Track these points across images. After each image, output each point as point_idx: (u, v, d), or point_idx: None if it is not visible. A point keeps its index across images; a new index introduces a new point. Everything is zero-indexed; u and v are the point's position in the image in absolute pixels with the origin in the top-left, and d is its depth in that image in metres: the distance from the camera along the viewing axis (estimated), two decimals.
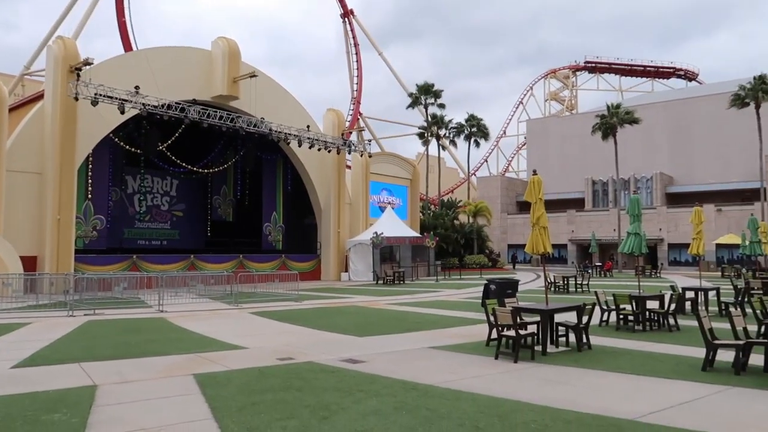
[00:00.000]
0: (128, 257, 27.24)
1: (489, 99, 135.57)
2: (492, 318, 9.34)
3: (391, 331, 11.83)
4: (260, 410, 5.57)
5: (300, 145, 31.01)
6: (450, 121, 50.82)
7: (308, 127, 31.56)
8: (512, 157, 79.11)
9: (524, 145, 75.06)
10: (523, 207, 61.18)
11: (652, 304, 12.68)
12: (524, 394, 6.38)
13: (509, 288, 14.15)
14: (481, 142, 52.98)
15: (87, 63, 23.60)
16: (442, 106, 48.43)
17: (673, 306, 12.54)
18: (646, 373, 7.60)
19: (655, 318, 12.39)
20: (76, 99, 23.02)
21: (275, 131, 29.58)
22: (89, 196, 27.64)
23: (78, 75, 23.40)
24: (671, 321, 12.21)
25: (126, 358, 8.53)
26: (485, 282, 15.50)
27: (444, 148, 56.30)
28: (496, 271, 42.71)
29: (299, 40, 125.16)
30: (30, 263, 23.10)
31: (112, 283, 19.43)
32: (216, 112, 27.04)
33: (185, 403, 5.98)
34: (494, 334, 9.32)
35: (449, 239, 45.49)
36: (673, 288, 13.95)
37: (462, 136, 51.81)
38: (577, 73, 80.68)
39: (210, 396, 6.15)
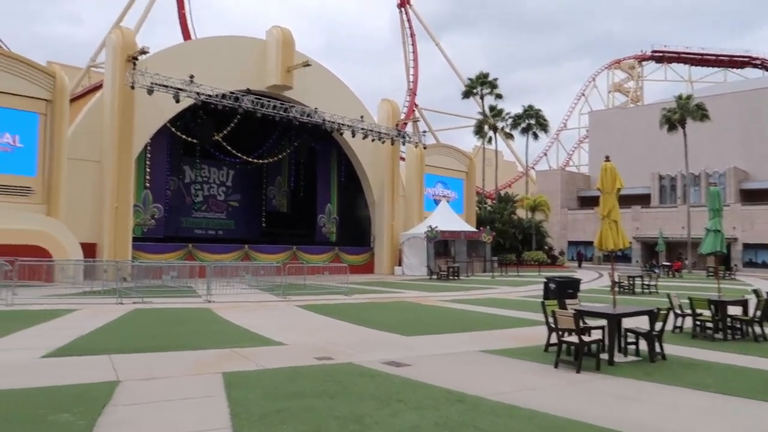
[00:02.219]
0: (184, 246, 27.53)
1: (547, 90, 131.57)
2: (551, 321, 8.43)
3: (440, 331, 11.06)
4: (284, 419, 4.95)
5: (353, 136, 30.53)
6: (507, 112, 49.21)
7: (362, 117, 31.03)
8: (573, 151, 76.33)
9: (586, 138, 72.09)
10: (585, 202, 58.73)
11: (733, 310, 11.36)
12: (590, 413, 5.50)
13: (570, 287, 13.09)
14: (540, 134, 51.05)
15: (143, 52, 23.81)
16: (499, 96, 46.87)
17: (758, 313, 11.19)
18: (733, 392, 6.53)
19: (738, 326, 11.09)
20: (132, 87, 23.27)
21: (328, 121, 29.18)
22: (148, 185, 28.09)
23: (134, 64, 23.65)
24: (757, 330, 10.88)
25: (159, 351, 8.15)
26: (544, 280, 14.47)
27: (502, 140, 54.66)
28: (556, 269, 41.06)
29: (354, 32, 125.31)
30: (90, 250, 23.58)
31: (163, 272, 19.48)
32: (270, 101, 26.86)
33: (205, 406, 5.44)
34: (554, 339, 8.40)
35: (506, 234, 44.07)
36: (756, 292, 12.52)
37: (519, 129, 50.07)
38: (643, 63, 76.77)
39: (234, 399, 5.59)
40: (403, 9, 62.00)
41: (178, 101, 24.02)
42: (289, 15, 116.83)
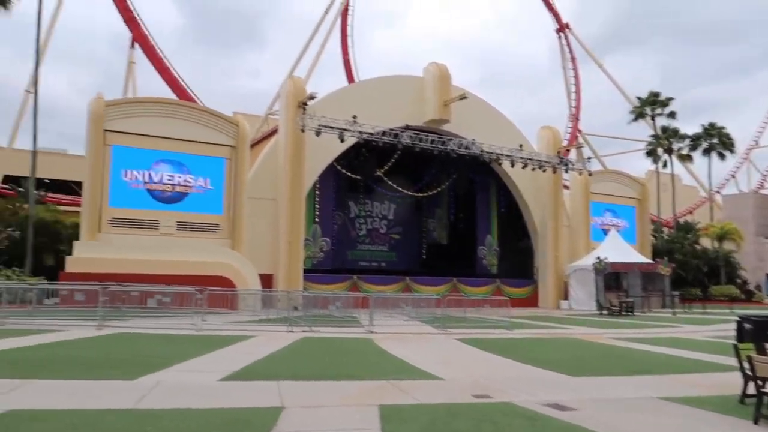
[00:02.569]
0: (350, 277, 28.82)
1: (731, 106, 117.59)
2: (747, 367, 7.24)
3: (611, 372, 10.11)
4: None
5: (513, 166, 29.95)
6: (684, 133, 44.84)
7: (521, 146, 30.36)
8: None
9: None
10: None
11: None
12: None
13: None
14: (725, 155, 45.67)
15: (311, 97, 25.79)
16: (672, 115, 42.89)
17: None
18: None
19: None
20: (303, 130, 25.22)
21: (486, 152, 29.00)
22: (317, 219, 30.04)
23: (304, 109, 25.66)
24: None
25: (321, 380, 8.45)
26: (737, 319, 12.63)
27: (679, 163, 49.82)
28: (752, 306, 35.91)
29: (510, 61, 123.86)
30: (267, 280, 25.69)
31: (330, 302, 20.47)
32: (427, 136, 27.44)
33: None
34: (751, 389, 7.20)
35: (688, 266, 39.68)
36: None
37: (700, 150, 45.31)
38: None
39: None
40: (561, 34, 60.19)
41: (342, 141, 25.57)
42: (445, 50, 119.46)
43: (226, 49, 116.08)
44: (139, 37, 42.67)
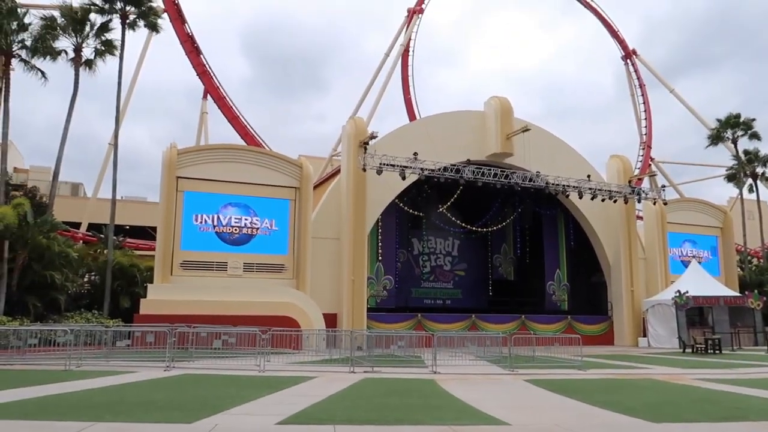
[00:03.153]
0: (413, 316, 28.40)
1: None
2: None
3: (699, 418, 9.19)
4: None
5: (581, 197, 28.99)
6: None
7: (588, 176, 29.41)
8: None
9: None
10: None
11: None
12: None
13: None
14: None
15: (372, 137, 26.08)
16: (755, 136, 40.32)
17: None
18: None
19: None
20: (364, 170, 25.45)
21: (552, 184, 28.22)
22: (380, 258, 29.97)
23: (365, 148, 25.94)
24: None
25: (379, 425, 8.11)
26: None
27: (765, 187, 46.62)
28: None
29: (575, 91, 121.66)
30: (331, 320, 25.71)
31: (393, 341, 20.10)
32: (490, 170, 27.05)
33: None
34: None
35: None
36: None
37: None
38: None
39: None
40: (628, 60, 58.63)
41: (404, 178, 25.59)
42: (507, 84, 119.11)
43: (292, 96, 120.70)
44: (211, 89, 44.86)
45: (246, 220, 25.93)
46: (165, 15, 41.74)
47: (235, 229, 25.72)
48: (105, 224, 28.37)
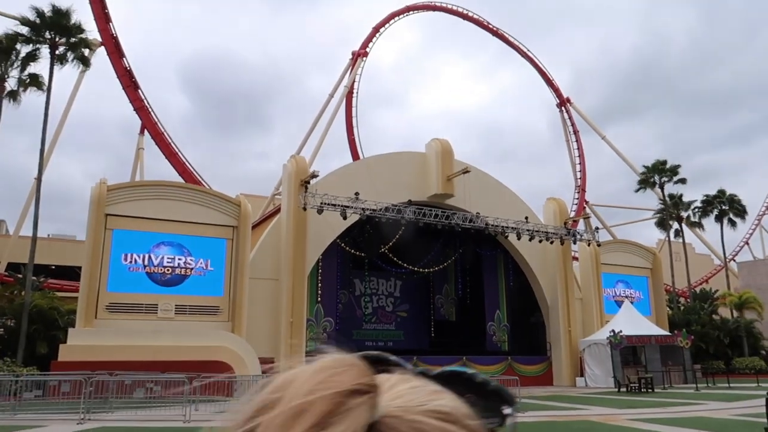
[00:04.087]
0: None
1: (736, 172, 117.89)
2: None
3: None
4: None
5: (519, 238, 29.46)
6: (692, 202, 44.42)
7: (527, 218, 30.03)
8: None
9: None
10: None
11: None
12: None
13: None
14: (737, 221, 44.89)
15: (313, 176, 25.84)
16: (682, 181, 42.47)
17: None
18: None
19: None
20: (304, 209, 25.07)
21: (491, 225, 28.63)
22: (319, 299, 29.31)
23: (306, 187, 25.62)
24: None
25: None
26: (767, 396, 11.60)
27: (689, 231, 49.04)
28: None
29: (512, 135, 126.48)
30: (268, 364, 24.68)
31: None
32: (431, 210, 27.18)
33: None
34: None
35: (708, 338, 38.09)
36: None
37: (711, 216, 44.63)
38: None
39: None
40: (563, 107, 61.31)
41: (345, 218, 25.35)
42: (447, 127, 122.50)
43: (234, 134, 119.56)
44: (149, 124, 43.65)
45: (179, 259, 24.87)
46: (102, 48, 40.97)
47: (168, 270, 24.59)
48: (25, 264, 26.61)
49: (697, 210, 44.18)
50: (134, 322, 23.32)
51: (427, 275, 35.47)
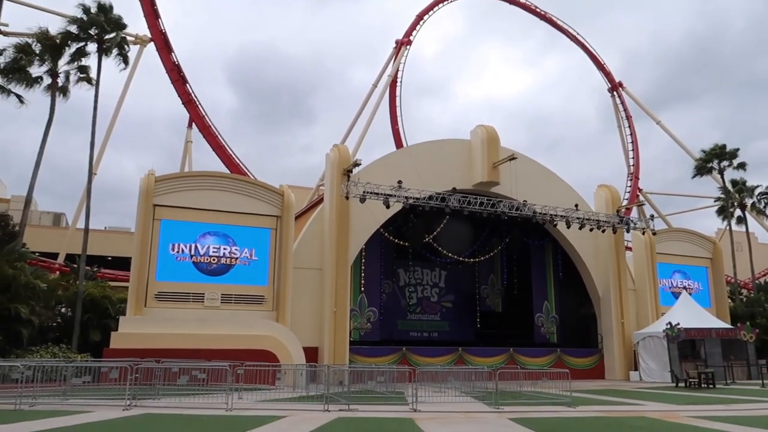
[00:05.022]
0: (398, 349, 27.42)
1: None
2: None
3: None
4: None
5: (568, 227, 28.43)
6: (756, 186, 41.98)
7: (576, 206, 28.95)
8: None
9: None
10: None
11: None
12: None
13: None
14: None
15: (356, 164, 25.53)
16: (742, 166, 40.16)
17: None
18: None
19: None
20: (347, 198, 24.82)
21: (539, 213, 27.70)
22: (363, 289, 29.10)
23: (348, 176, 25.36)
24: None
25: None
26: None
27: (753, 219, 46.38)
28: None
29: (560, 123, 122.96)
30: (312, 354, 24.69)
31: (375, 376, 19.17)
32: (476, 198, 26.49)
33: None
34: None
35: None
36: None
37: None
38: None
39: None
40: (615, 92, 59.09)
41: (388, 207, 24.96)
42: (494, 116, 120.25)
43: (279, 127, 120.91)
44: (196, 118, 44.43)
45: (225, 249, 25.08)
46: (152, 44, 41.81)
47: (214, 259, 24.84)
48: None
49: (762, 196, 41.67)
50: (182, 310, 23.67)
51: (472, 265, 34.79)
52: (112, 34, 26.99)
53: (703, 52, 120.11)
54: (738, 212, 41.70)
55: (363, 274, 29.11)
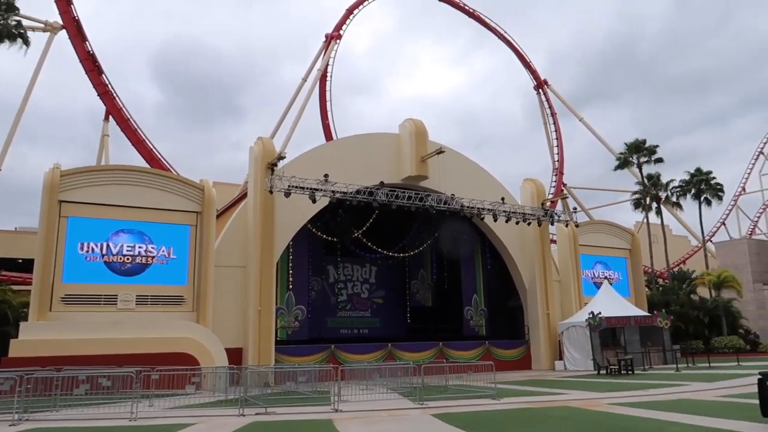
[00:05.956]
0: (327, 347, 26.76)
1: (712, 155, 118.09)
2: None
3: None
4: None
5: (495, 220, 28.63)
6: (670, 181, 44.08)
7: (503, 199, 29.21)
8: (758, 217, 66.31)
9: None
10: None
11: None
12: None
13: None
14: (714, 202, 44.63)
15: (280, 157, 24.67)
16: (659, 161, 42.01)
17: None
18: None
19: None
20: (271, 192, 23.90)
21: (467, 207, 27.72)
22: (291, 286, 28.22)
23: (273, 170, 24.44)
24: None
25: None
26: (756, 375, 10.87)
27: (668, 212, 48.73)
28: (759, 357, 33.91)
29: (488, 121, 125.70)
30: (236, 355, 23.63)
31: (296, 376, 18.47)
32: (404, 192, 26.18)
33: None
34: None
35: (687, 318, 37.87)
36: None
37: (689, 196, 44.34)
38: None
39: None
40: (540, 90, 60.66)
41: (314, 201, 24.22)
42: (424, 111, 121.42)
43: (209, 124, 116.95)
44: (113, 110, 42.02)
45: (140, 247, 23.58)
46: (64, 32, 39.08)
47: (128, 258, 23.29)
48: None
49: (675, 190, 43.82)
50: (92, 314, 22.03)
51: (402, 260, 34.61)
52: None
53: (624, 53, 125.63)
54: (654, 205, 43.57)
55: (290, 272, 28.21)
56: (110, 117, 43.73)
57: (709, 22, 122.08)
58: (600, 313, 28.26)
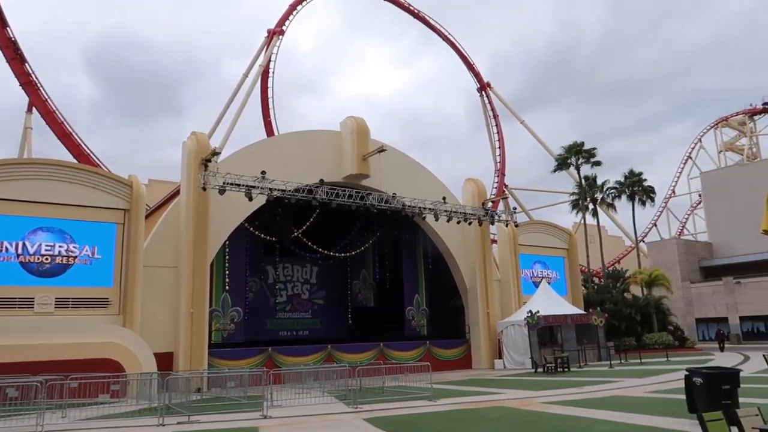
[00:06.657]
0: (264, 350, 25.90)
1: (646, 158, 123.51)
2: None
3: None
4: None
5: (437, 219, 28.52)
6: (606, 182, 45.42)
7: (444, 198, 29.14)
8: (686, 218, 69.54)
9: (699, 203, 65.73)
10: (709, 273, 52.27)
11: None
12: None
13: (725, 382, 9.51)
14: (647, 204, 46.30)
15: (215, 153, 23.68)
16: (597, 163, 43.23)
17: None
18: None
19: None
20: (204, 189, 22.90)
21: (408, 206, 27.49)
22: (227, 287, 27.21)
23: (206, 166, 23.43)
24: None
25: None
26: (683, 371, 10.97)
27: (604, 213, 50.21)
28: (687, 353, 35.28)
29: (432, 122, 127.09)
30: (167, 360, 22.49)
31: (225, 381, 17.67)
32: (345, 191, 25.67)
33: None
34: None
35: (621, 315, 39.00)
36: None
37: (623, 198, 45.81)
38: (755, 117, 70.27)
39: None
40: (483, 92, 61.46)
41: (250, 199, 23.35)
42: (369, 113, 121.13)
43: (148, 120, 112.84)
44: (38, 101, 39.65)
45: (60, 247, 22.05)
46: None
47: (46, 258, 21.73)
48: None
49: (610, 191, 45.13)
50: (5, 318, 20.44)
51: (344, 260, 34.07)
52: None
53: (564, 58, 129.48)
54: (591, 207, 44.74)
55: (227, 272, 27.18)
56: (33, 108, 41.26)
57: (643, 29, 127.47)
58: (538, 311, 28.61)
